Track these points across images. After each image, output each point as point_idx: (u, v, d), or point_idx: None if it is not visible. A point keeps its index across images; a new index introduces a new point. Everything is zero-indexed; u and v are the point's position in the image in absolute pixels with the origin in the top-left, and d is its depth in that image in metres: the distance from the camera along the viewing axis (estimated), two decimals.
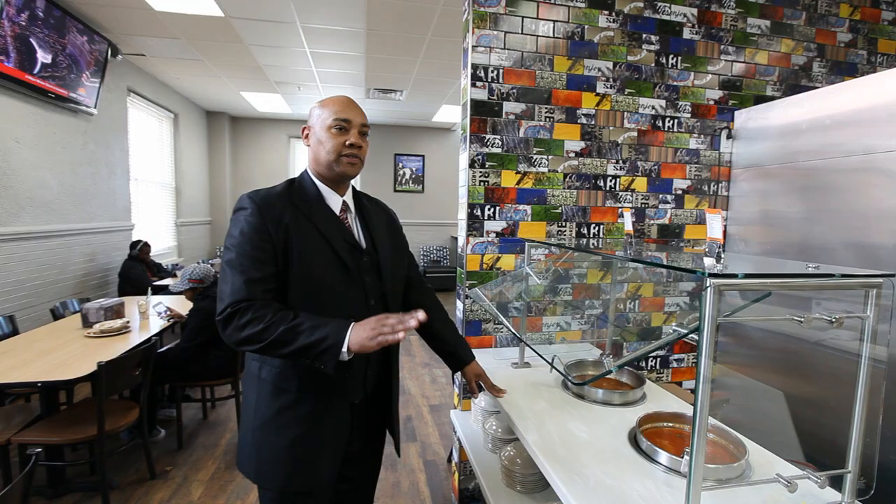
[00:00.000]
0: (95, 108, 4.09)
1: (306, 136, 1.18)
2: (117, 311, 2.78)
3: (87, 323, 2.63)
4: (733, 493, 0.99)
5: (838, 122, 1.79)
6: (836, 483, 0.95)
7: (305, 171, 1.20)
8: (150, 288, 3.32)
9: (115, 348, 2.33)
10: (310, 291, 1.08)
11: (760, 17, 2.24)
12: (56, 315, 3.06)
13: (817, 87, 2.30)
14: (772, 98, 2.26)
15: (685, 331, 0.85)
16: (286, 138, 7.92)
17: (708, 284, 0.80)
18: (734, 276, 0.82)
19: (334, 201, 1.17)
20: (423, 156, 8.33)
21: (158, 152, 5.89)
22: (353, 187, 1.26)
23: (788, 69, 2.32)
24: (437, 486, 2.48)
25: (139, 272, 4.30)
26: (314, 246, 1.08)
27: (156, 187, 5.80)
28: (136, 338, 2.55)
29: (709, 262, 1.03)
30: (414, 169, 8.33)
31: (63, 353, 2.24)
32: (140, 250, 4.37)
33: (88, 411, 2.23)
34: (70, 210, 3.91)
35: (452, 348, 1.43)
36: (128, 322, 2.68)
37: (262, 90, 5.97)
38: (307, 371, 1.09)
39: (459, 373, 1.47)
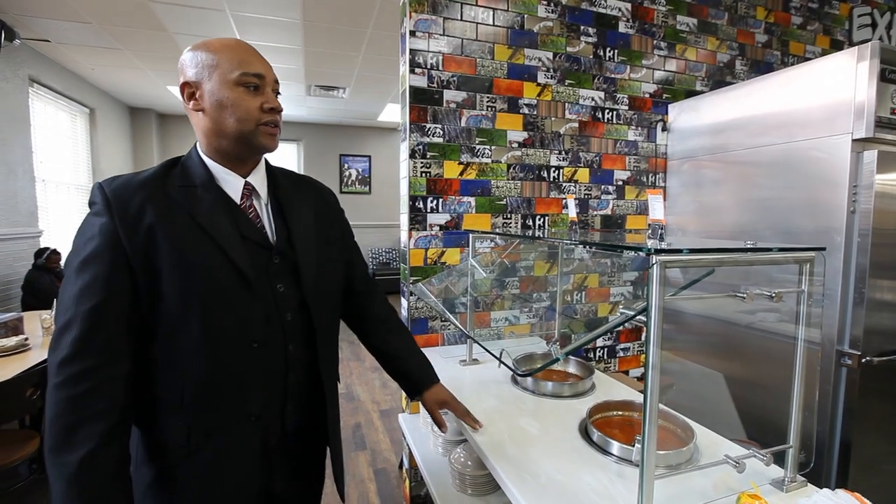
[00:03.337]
0: None
1: (192, 98, 0.84)
2: (13, 328, 2.42)
3: None
4: (684, 477, 0.97)
5: (762, 113, 1.88)
6: (779, 459, 0.95)
7: (194, 148, 0.90)
8: (55, 300, 2.93)
9: (7, 369, 2.01)
10: (191, 315, 0.79)
11: (688, 15, 2.33)
12: None
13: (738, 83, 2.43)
14: (701, 93, 2.36)
15: (632, 312, 0.81)
16: None
17: (654, 261, 0.76)
18: (679, 251, 0.79)
19: (232, 185, 0.88)
20: (369, 156, 8.13)
21: (72, 151, 5.31)
22: (267, 163, 0.97)
23: (714, 66, 2.43)
24: (389, 495, 2.36)
25: (47, 283, 3.83)
26: (194, 249, 0.80)
27: (70, 189, 5.23)
28: (36, 356, 2.22)
29: (653, 241, 1.01)
30: (360, 170, 8.12)
31: None
32: (47, 259, 3.89)
33: None
34: None
35: (406, 367, 1.16)
36: (26, 339, 2.34)
37: None
38: (198, 416, 0.82)
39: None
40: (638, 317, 0.82)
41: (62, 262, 4.13)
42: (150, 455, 0.85)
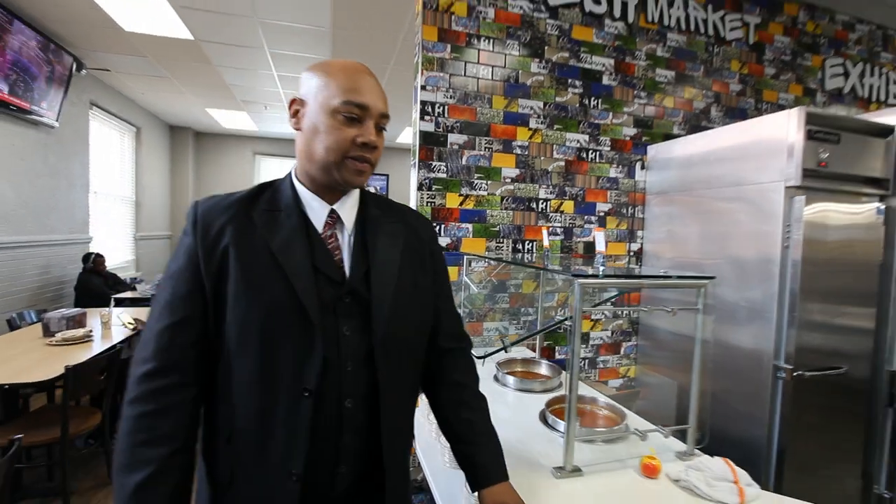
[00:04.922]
0: (57, 121, 4.12)
1: (296, 115, 0.81)
2: (79, 321, 2.84)
3: (48, 332, 2.68)
4: (609, 449, 1.28)
5: (720, 158, 2.19)
6: (686, 439, 1.26)
7: (291, 169, 0.87)
8: (112, 299, 3.37)
9: (78, 355, 2.41)
10: (248, 350, 0.74)
11: (667, 69, 2.67)
12: (13, 326, 3.06)
13: (715, 128, 2.74)
14: (677, 136, 2.68)
15: (561, 318, 1.13)
16: (251, 154, 8.01)
17: (575, 282, 1.10)
18: (596, 276, 1.12)
19: (317, 212, 0.82)
20: (387, 175, 8.60)
21: (119, 165, 5.87)
22: (361, 189, 0.90)
23: (691, 112, 2.75)
24: None
25: (97, 284, 4.29)
26: (261, 278, 0.75)
27: (115, 200, 5.77)
28: (98, 346, 2.63)
29: (594, 269, 1.34)
30: (379, 188, 8.58)
31: (26, 360, 2.30)
32: (93, 262, 4.36)
33: (47, 417, 2.30)
34: (27, 222, 3.90)
35: (476, 454, 0.93)
36: (90, 331, 2.75)
37: (229, 108, 6.09)
38: (239, 460, 0.77)
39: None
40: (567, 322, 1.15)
41: (107, 265, 4.61)
42: (204, 484, 0.82)
